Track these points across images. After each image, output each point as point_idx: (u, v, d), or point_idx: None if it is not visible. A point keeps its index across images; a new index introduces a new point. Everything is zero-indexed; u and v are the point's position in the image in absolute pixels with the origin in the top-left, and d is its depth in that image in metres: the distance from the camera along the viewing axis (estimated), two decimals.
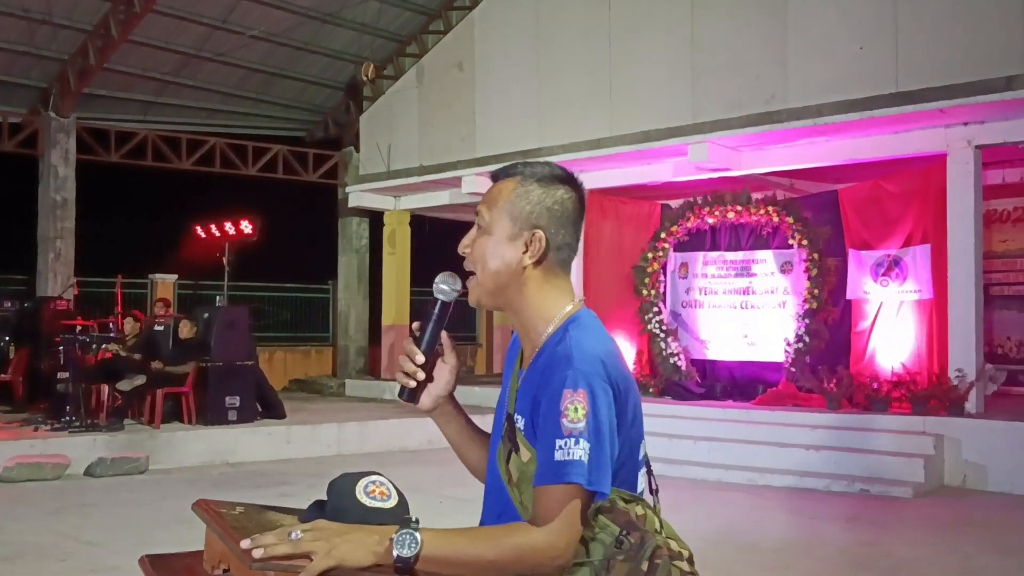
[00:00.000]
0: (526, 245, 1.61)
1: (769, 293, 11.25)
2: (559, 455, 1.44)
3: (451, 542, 1.43)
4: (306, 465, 9.65)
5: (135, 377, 9.82)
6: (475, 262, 1.65)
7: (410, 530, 1.41)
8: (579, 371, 1.48)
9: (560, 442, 1.45)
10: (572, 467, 1.43)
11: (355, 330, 16.26)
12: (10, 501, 7.53)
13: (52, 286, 13.19)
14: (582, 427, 1.45)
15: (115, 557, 5.81)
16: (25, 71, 13.43)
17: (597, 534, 1.46)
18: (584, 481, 1.43)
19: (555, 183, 1.64)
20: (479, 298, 1.66)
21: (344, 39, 14.59)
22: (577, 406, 1.45)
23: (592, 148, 11.67)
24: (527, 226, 1.61)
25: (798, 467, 8.84)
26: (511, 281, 1.63)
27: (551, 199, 1.62)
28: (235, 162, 15.33)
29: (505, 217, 1.62)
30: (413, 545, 1.40)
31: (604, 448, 1.46)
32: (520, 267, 1.62)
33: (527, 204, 1.62)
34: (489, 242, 1.63)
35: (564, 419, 1.45)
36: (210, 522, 1.68)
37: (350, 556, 1.39)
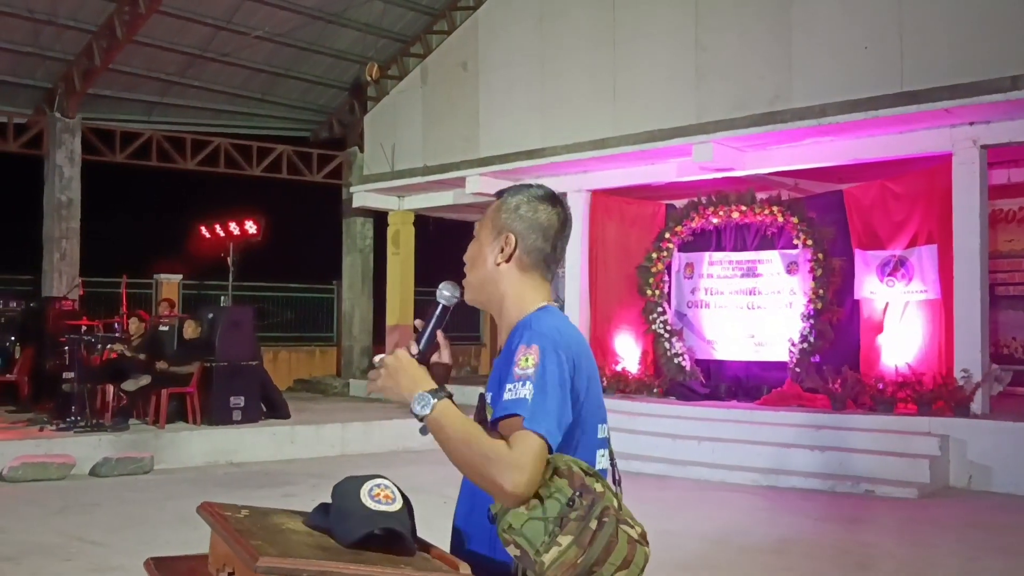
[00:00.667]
0: (501, 248, 1.86)
1: (775, 293, 11.24)
2: (508, 395, 1.64)
3: (453, 421, 1.66)
4: (310, 465, 9.66)
5: (140, 377, 9.83)
6: (467, 266, 1.91)
7: (431, 396, 1.68)
8: (535, 332, 1.71)
9: (509, 385, 1.65)
10: (517, 404, 1.63)
11: (359, 330, 16.26)
12: (15, 501, 7.54)
13: (57, 286, 13.21)
14: (530, 373, 1.65)
15: (119, 557, 5.82)
16: (30, 71, 13.46)
17: (553, 493, 1.58)
18: (527, 414, 1.61)
19: (537, 200, 1.87)
20: (471, 298, 1.91)
21: (348, 39, 14.60)
22: (528, 357, 1.67)
23: (596, 148, 11.66)
24: (504, 231, 1.86)
25: (802, 468, 8.83)
26: (490, 278, 1.86)
27: (526, 208, 1.86)
28: (239, 162, 15.35)
29: (489, 226, 1.89)
30: (426, 408, 1.67)
31: (549, 396, 1.64)
32: (495, 265, 1.85)
33: (505, 213, 1.87)
34: (475, 248, 1.90)
35: (516, 367, 1.66)
36: (215, 525, 1.69)
37: (387, 392, 1.74)
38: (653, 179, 11.83)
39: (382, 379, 1.75)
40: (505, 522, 1.57)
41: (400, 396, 1.72)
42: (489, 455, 1.59)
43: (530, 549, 1.55)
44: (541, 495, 1.57)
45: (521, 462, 1.58)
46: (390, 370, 1.74)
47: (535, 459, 1.59)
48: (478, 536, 1.76)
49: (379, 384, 1.75)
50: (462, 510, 1.83)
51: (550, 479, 1.59)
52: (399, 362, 1.75)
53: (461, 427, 1.65)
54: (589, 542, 1.54)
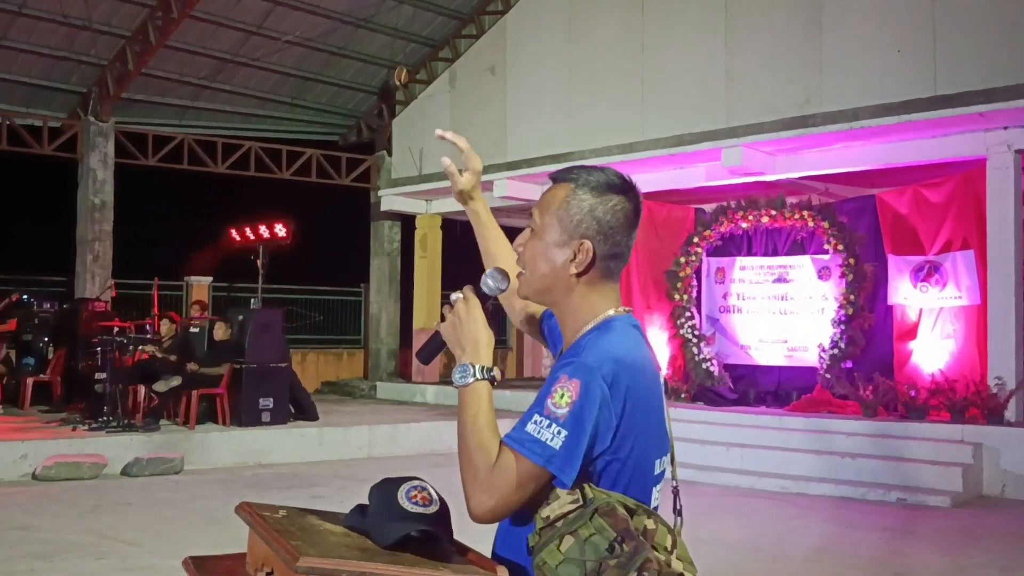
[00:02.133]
0: (574, 254, 1.66)
1: (807, 299, 11.15)
2: (531, 428, 1.51)
3: (472, 408, 1.58)
4: (338, 467, 9.70)
5: (171, 378, 9.92)
6: (526, 262, 1.71)
7: (475, 372, 1.60)
8: (582, 363, 1.54)
9: (538, 418, 1.51)
10: (535, 445, 1.49)
11: (387, 333, 16.33)
12: (48, 500, 7.63)
13: (90, 288, 13.37)
14: (561, 413, 1.50)
15: (150, 557, 5.87)
16: (65, 76, 13.66)
17: (592, 535, 1.47)
18: (543, 462, 1.49)
19: (608, 192, 1.67)
20: (528, 295, 1.75)
21: (378, 44, 14.67)
22: (564, 392, 1.51)
23: (624, 152, 11.63)
24: (576, 235, 1.66)
25: (833, 475, 8.74)
26: (557, 285, 1.69)
27: (602, 209, 1.66)
28: (269, 166, 15.47)
29: (555, 223, 1.67)
30: (462, 380, 1.60)
31: (579, 441, 1.49)
32: (566, 274, 1.67)
33: (577, 213, 1.66)
34: (539, 246, 1.69)
35: (550, 399, 1.51)
36: (254, 525, 1.69)
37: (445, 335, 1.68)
38: (682, 183, 11.79)
39: (445, 324, 1.67)
40: (540, 558, 1.48)
41: (453, 347, 1.66)
42: (474, 462, 1.52)
43: None
44: (581, 535, 1.46)
45: (494, 485, 1.50)
46: (457, 317, 1.66)
47: (509, 488, 1.49)
48: (516, 551, 1.61)
49: (440, 327, 1.68)
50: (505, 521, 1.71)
51: (591, 518, 1.47)
52: (466, 313, 1.65)
53: (472, 419, 1.56)
54: None
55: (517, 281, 1.77)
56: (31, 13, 12.19)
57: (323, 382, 16.19)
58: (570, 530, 1.47)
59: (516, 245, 1.76)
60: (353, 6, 13.69)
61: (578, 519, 1.48)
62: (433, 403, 13.91)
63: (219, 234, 15.73)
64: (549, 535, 1.49)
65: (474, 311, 1.66)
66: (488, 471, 1.50)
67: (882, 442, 9.00)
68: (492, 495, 1.49)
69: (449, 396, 13.62)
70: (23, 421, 10.22)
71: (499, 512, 1.51)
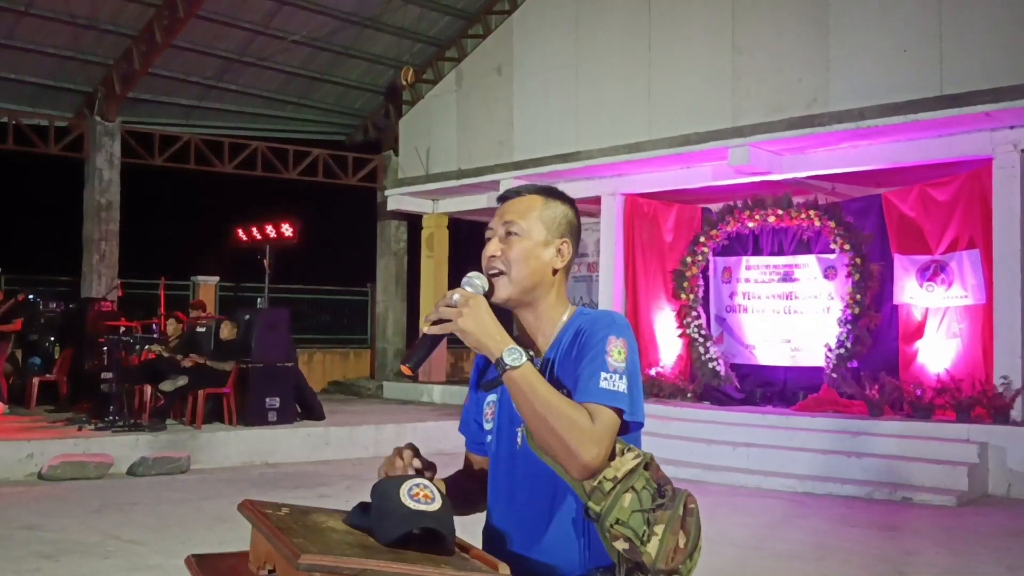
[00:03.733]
0: (558, 250, 1.88)
1: (812, 298, 11.13)
2: (605, 384, 1.69)
3: (540, 381, 1.68)
4: (344, 466, 9.72)
5: (177, 378, 9.94)
6: (511, 262, 1.84)
7: (524, 350, 1.69)
8: (620, 325, 1.79)
9: (605, 375, 1.70)
10: (617, 396, 1.69)
11: (393, 332, 16.35)
12: (54, 499, 7.66)
13: (97, 287, 13.40)
14: (623, 367, 1.72)
15: (157, 556, 5.89)
16: (71, 76, 13.69)
17: (643, 487, 1.65)
18: (627, 409, 1.70)
19: (568, 203, 1.93)
20: (510, 294, 1.85)
21: (384, 44, 14.69)
22: (619, 349, 1.74)
23: (631, 152, 11.63)
24: (557, 235, 1.89)
25: (839, 474, 8.73)
26: (542, 280, 1.86)
27: (572, 214, 1.93)
28: (276, 165, 15.49)
29: (539, 225, 1.87)
30: (518, 360, 1.67)
31: (638, 387, 1.75)
32: (551, 269, 1.87)
33: (556, 216, 1.90)
34: (527, 245, 1.86)
35: (609, 358, 1.72)
36: (256, 523, 1.69)
37: (466, 334, 1.70)
38: (688, 183, 11.77)
39: (465, 319, 1.70)
40: (613, 516, 1.62)
41: (480, 341, 1.70)
42: (576, 421, 1.63)
43: (636, 541, 1.61)
44: (636, 487, 1.64)
45: (603, 438, 1.65)
46: (475, 311, 1.71)
47: (612, 437, 1.67)
48: (564, 534, 1.75)
49: (459, 324, 1.70)
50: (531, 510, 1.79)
51: (643, 469, 1.67)
52: (481, 307, 1.73)
53: (545, 387, 1.67)
54: (682, 528, 1.64)
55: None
56: (37, 13, 12.22)
57: (330, 381, 16.22)
58: (629, 486, 1.64)
59: (491, 251, 1.86)
60: (359, 6, 13.70)
61: (636, 475, 1.66)
62: (439, 403, 13.91)
63: (226, 234, 15.75)
64: (615, 494, 1.64)
65: (482, 303, 1.75)
66: (591, 427, 1.64)
67: (888, 441, 8.98)
68: (602, 446, 1.64)
69: (455, 395, 13.63)
70: (29, 421, 10.26)
71: (604, 462, 1.65)
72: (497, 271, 1.84)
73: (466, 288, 1.78)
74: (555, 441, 1.64)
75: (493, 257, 1.85)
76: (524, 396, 1.66)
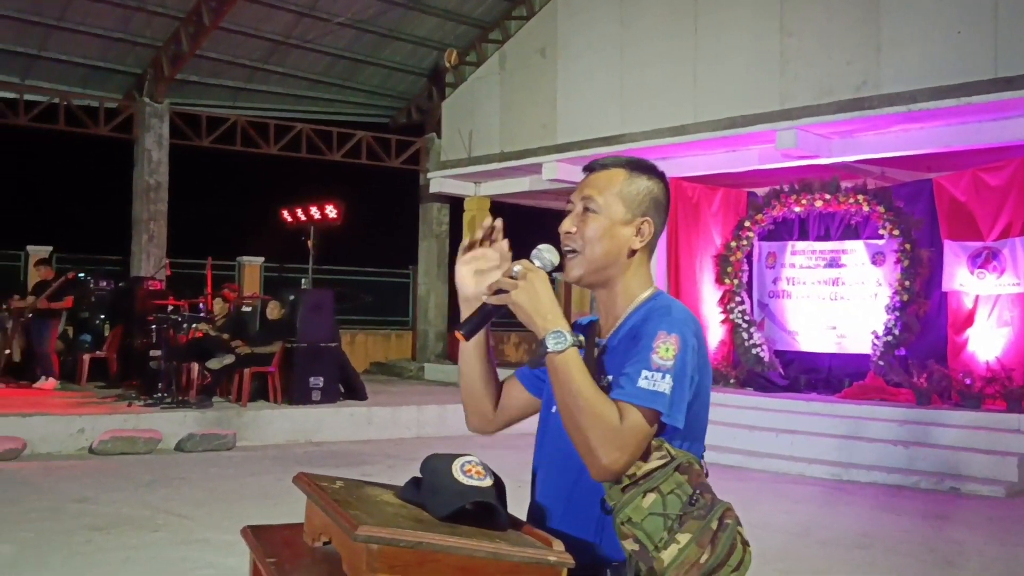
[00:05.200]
0: (637, 229, 1.77)
1: (860, 284, 10.97)
2: (644, 383, 1.59)
3: (578, 370, 1.60)
4: (386, 446, 9.80)
5: (224, 356, 10.09)
6: (585, 240, 1.76)
7: (569, 336, 1.61)
8: (676, 319, 1.66)
9: (647, 372, 1.60)
10: (656, 396, 1.58)
11: (434, 315, 16.42)
12: (105, 473, 7.83)
13: (145, 267, 13.63)
14: (669, 365, 1.60)
15: (205, 530, 5.99)
16: (121, 58, 13.88)
17: (672, 490, 1.56)
18: (665, 411, 1.59)
19: (655, 177, 1.81)
20: (582, 274, 1.77)
21: (428, 26, 14.69)
22: (668, 346, 1.61)
23: (675, 135, 11.52)
24: (639, 213, 1.77)
25: (885, 463, 8.61)
26: (618, 260, 1.77)
27: (657, 189, 1.80)
28: (320, 147, 15.60)
29: (618, 202, 1.77)
30: (560, 345, 1.60)
31: (684, 389, 1.62)
32: (629, 249, 1.77)
33: (639, 192, 1.78)
34: (603, 223, 1.76)
35: (654, 355, 1.61)
36: (312, 495, 1.72)
37: (519, 308, 1.65)
38: (734, 166, 11.64)
39: (519, 292, 1.64)
40: (624, 515, 1.55)
41: (530, 317, 1.64)
42: (601, 419, 1.56)
43: (649, 544, 1.53)
44: (662, 490, 1.55)
45: (628, 441, 1.56)
46: (531, 286, 1.65)
47: (640, 443, 1.58)
48: (580, 520, 1.70)
49: (513, 296, 1.64)
50: (557, 489, 1.77)
51: (672, 473, 1.57)
52: (539, 283, 1.65)
53: (582, 379, 1.59)
54: (710, 542, 1.53)
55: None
56: None
57: (372, 362, 16.35)
58: (652, 487, 1.56)
59: (566, 227, 1.79)
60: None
61: (660, 475, 1.57)
62: None
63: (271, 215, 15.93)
64: (632, 492, 1.56)
65: (545, 281, 1.67)
66: (618, 428, 1.56)
67: (935, 430, 8.84)
68: (625, 451, 1.56)
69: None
70: (80, 396, 10.48)
71: (627, 467, 1.57)
72: (571, 249, 1.77)
73: (533, 261, 1.71)
74: (578, 436, 1.58)
75: (568, 234, 1.78)
76: (559, 383, 1.61)
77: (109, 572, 5.06)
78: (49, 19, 12.66)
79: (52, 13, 12.61)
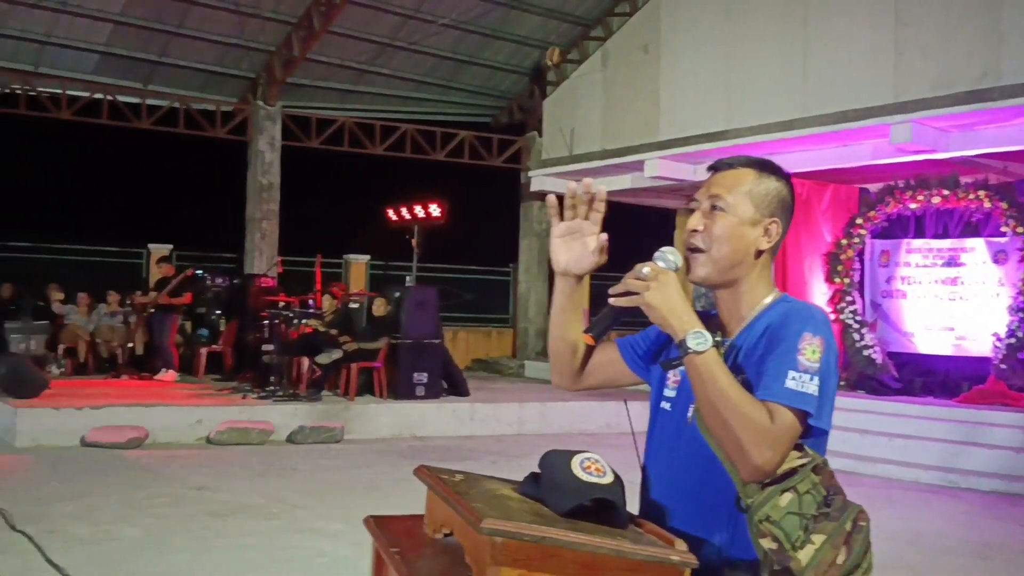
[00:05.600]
0: (765, 230, 1.76)
1: (980, 284, 10.49)
2: (792, 384, 1.58)
3: (722, 370, 1.60)
4: (488, 442, 9.89)
5: (332, 351, 10.36)
6: (713, 239, 1.75)
7: (709, 336, 1.61)
8: (818, 322, 1.65)
9: (794, 373, 1.59)
10: (805, 398, 1.58)
11: (535, 313, 16.48)
12: (221, 462, 8.14)
13: (258, 264, 14.10)
14: (816, 367, 1.60)
15: (317, 520, 6.17)
16: (236, 62, 14.39)
17: (808, 491, 1.56)
18: (813, 412, 1.58)
19: (783, 178, 1.80)
20: (708, 274, 1.76)
21: (531, 25, 14.74)
22: (814, 348, 1.61)
23: (784, 130, 11.26)
24: (767, 214, 1.76)
25: (1006, 470, 8.23)
26: (744, 260, 1.76)
27: (786, 191, 1.80)
28: (424, 147, 15.84)
29: (747, 201, 1.76)
30: (702, 345, 1.59)
31: (829, 391, 1.62)
32: (756, 250, 1.76)
33: (768, 193, 1.77)
34: (731, 222, 1.75)
35: (801, 356, 1.60)
36: (434, 487, 1.75)
37: (652, 309, 1.64)
38: (845, 162, 11.30)
39: (652, 293, 1.63)
40: (763, 513, 1.54)
41: (665, 318, 1.63)
42: (753, 419, 1.55)
43: (786, 544, 1.52)
44: (798, 489, 1.55)
45: (780, 441, 1.55)
46: (663, 286, 1.64)
47: (790, 443, 1.57)
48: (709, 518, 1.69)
49: (646, 297, 1.64)
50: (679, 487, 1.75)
51: (808, 473, 1.57)
52: (670, 283, 1.65)
53: (727, 379, 1.59)
54: (845, 544, 1.53)
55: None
56: (205, 2, 12.89)
57: (472, 359, 16.52)
58: (789, 486, 1.55)
59: (693, 224, 1.78)
60: None
61: (798, 475, 1.56)
62: None
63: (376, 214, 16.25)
64: (770, 491, 1.55)
65: (676, 281, 1.67)
66: (769, 428, 1.55)
67: None
68: (777, 450, 1.55)
69: None
70: (198, 388, 10.93)
71: (779, 466, 1.56)
72: (696, 248, 1.76)
73: (657, 263, 1.70)
74: (727, 436, 1.57)
75: (694, 232, 1.76)
76: (702, 383, 1.60)
77: (229, 558, 5.27)
78: (170, 26, 13.23)
79: (172, 20, 13.17)
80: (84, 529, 5.68)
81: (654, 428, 1.87)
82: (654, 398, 1.88)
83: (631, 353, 1.95)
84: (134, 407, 9.11)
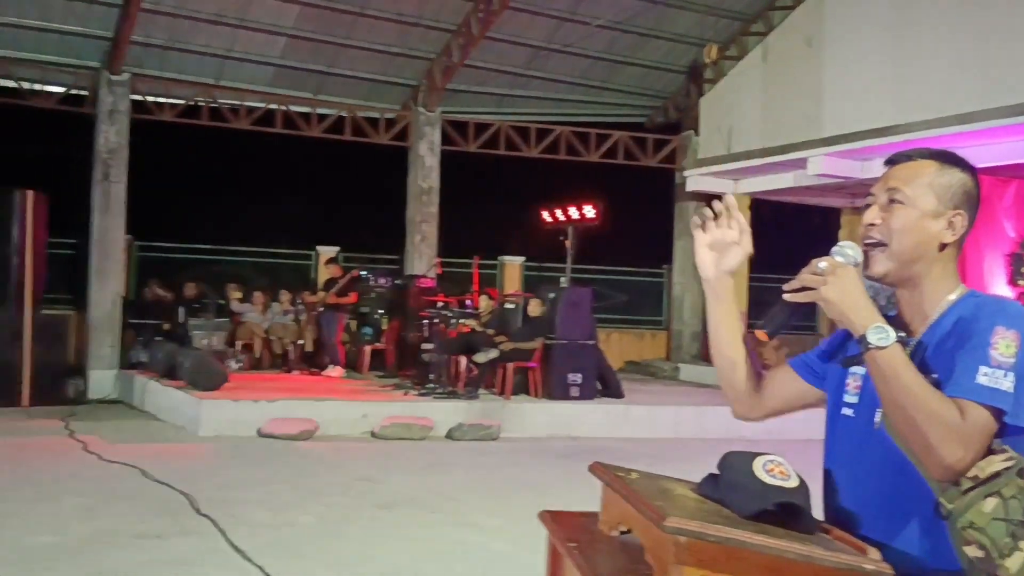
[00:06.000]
0: (949, 222, 1.69)
1: None
2: (984, 380, 1.51)
3: (906, 366, 1.54)
4: (643, 445, 9.79)
5: (489, 351, 10.56)
6: (892, 232, 1.69)
7: (891, 331, 1.55)
8: (1013, 315, 1.57)
9: (986, 369, 1.51)
10: (999, 395, 1.50)
11: (690, 315, 16.23)
12: (386, 456, 8.45)
13: (418, 265, 14.52)
14: (1012, 362, 1.52)
15: (475, 514, 6.31)
16: (399, 71, 14.87)
17: (1013, 496, 1.47)
18: (1009, 410, 1.50)
19: (967, 170, 1.72)
20: (888, 269, 1.70)
21: (687, 22, 14.53)
22: (1009, 343, 1.53)
23: (961, 122, 10.62)
24: (951, 206, 1.69)
25: None
26: (926, 255, 1.69)
27: (971, 183, 1.72)
28: (578, 149, 15.88)
29: (929, 194, 1.69)
30: (884, 341, 1.54)
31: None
32: (939, 243, 1.69)
33: (952, 185, 1.70)
34: (912, 215, 1.68)
35: (994, 350, 1.52)
36: (611, 484, 1.76)
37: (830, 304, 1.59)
38: None
39: (829, 287, 1.59)
40: (966, 519, 1.48)
41: (843, 314, 1.59)
42: (941, 415, 1.49)
43: (993, 551, 1.46)
44: (1003, 494, 1.47)
45: (972, 439, 1.48)
46: (841, 280, 1.59)
47: (984, 442, 1.50)
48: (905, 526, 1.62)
49: (823, 292, 1.60)
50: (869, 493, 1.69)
51: (1014, 477, 1.49)
52: (849, 277, 1.60)
53: (912, 374, 1.53)
54: None
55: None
56: (371, 13, 13.39)
57: (626, 361, 16.42)
58: (993, 490, 1.48)
59: (870, 218, 1.72)
60: None
61: (1003, 480, 1.49)
62: None
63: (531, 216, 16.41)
64: (973, 495, 1.49)
65: (855, 276, 1.62)
66: (960, 425, 1.49)
67: None
68: (970, 449, 1.49)
69: None
70: (363, 384, 11.39)
71: (971, 466, 1.49)
72: (875, 242, 1.70)
73: (835, 257, 1.65)
74: (914, 435, 1.51)
75: (871, 226, 1.70)
76: (885, 380, 1.54)
77: (397, 548, 5.46)
78: (339, 37, 13.83)
79: (341, 32, 13.76)
80: (263, 515, 6.03)
81: (834, 434, 1.81)
82: (831, 404, 1.82)
83: (806, 368, 1.91)
84: (305, 401, 9.60)
